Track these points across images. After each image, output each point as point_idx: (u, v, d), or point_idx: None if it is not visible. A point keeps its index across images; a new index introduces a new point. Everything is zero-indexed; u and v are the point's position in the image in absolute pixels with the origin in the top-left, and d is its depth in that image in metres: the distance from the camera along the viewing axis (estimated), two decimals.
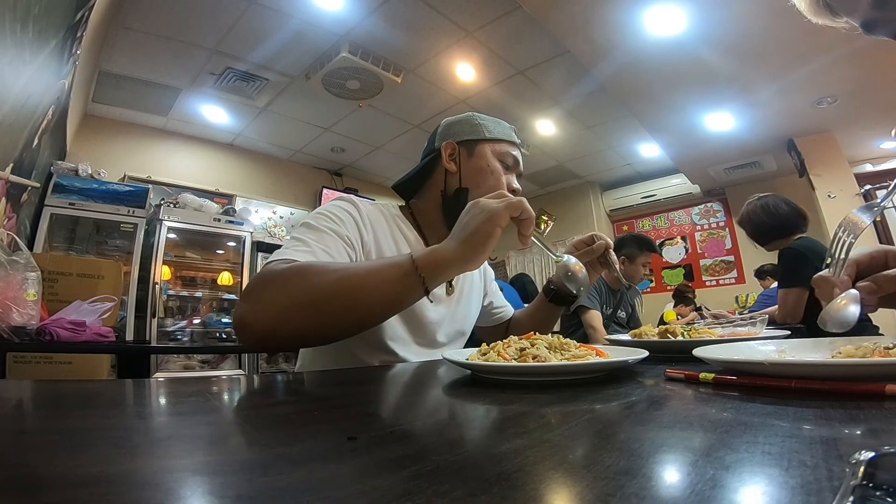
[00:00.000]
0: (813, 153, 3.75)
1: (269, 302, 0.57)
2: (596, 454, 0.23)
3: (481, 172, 0.92)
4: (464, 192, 0.91)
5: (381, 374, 0.66)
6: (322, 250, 0.71)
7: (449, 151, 0.94)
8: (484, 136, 0.94)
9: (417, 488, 0.18)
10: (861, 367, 0.39)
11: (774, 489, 0.17)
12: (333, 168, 5.17)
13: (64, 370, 2.33)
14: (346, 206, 0.85)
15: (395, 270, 0.59)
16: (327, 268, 0.61)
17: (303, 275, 0.59)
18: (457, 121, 0.98)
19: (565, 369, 0.48)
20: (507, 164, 0.94)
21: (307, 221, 0.78)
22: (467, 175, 0.92)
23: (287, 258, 0.65)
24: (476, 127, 0.96)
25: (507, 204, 0.60)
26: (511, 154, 0.95)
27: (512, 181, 0.94)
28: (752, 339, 0.67)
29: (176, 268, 3.78)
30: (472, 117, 0.98)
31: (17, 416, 0.35)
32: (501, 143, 0.95)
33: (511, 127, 1.00)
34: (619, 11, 2.48)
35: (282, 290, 0.58)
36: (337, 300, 0.57)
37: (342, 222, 0.79)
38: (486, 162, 0.93)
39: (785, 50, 2.58)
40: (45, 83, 2.17)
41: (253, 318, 0.57)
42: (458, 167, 0.93)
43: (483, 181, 0.91)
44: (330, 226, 0.77)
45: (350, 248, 0.78)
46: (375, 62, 3.11)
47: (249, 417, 0.34)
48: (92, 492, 0.18)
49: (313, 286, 0.57)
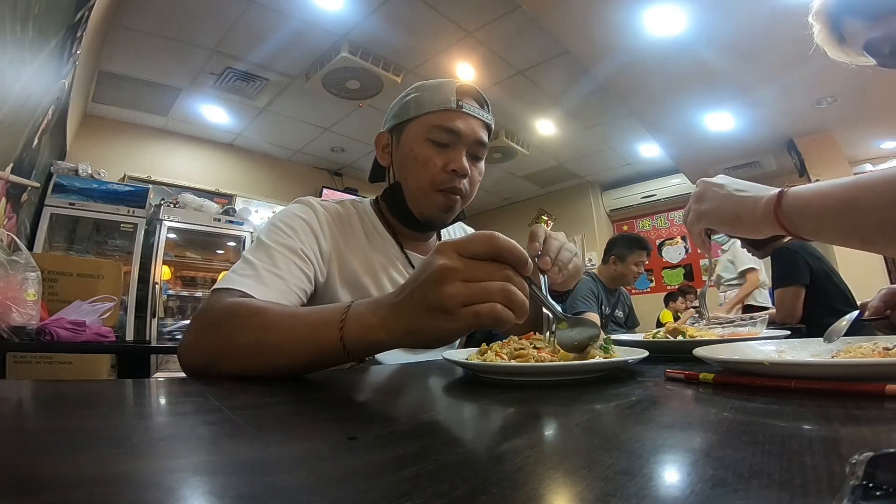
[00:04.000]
0: (813, 153, 3.75)
1: (199, 344, 0.56)
2: (596, 454, 0.23)
3: (407, 161, 0.79)
4: (397, 187, 0.82)
5: (381, 374, 0.66)
6: (271, 273, 0.66)
7: (383, 144, 0.85)
8: (410, 114, 0.79)
9: (417, 488, 0.18)
10: (861, 367, 0.39)
11: (774, 489, 0.17)
12: (333, 168, 5.17)
13: (64, 370, 2.33)
14: (301, 212, 0.78)
15: (322, 343, 0.48)
16: (253, 321, 0.54)
17: (232, 321, 0.55)
18: (395, 102, 0.85)
19: (565, 369, 0.48)
20: (441, 141, 0.77)
21: (259, 237, 0.73)
22: (397, 167, 0.81)
23: (231, 287, 0.61)
24: (405, 105, 0.81)
25: (472, 322, 0.40)
26: (443, 126, 0.76)
27: (454, 160, 0.76)
28: (752, 339, 0.67)
29: (176, 268, 3.78)
30: (406, 93, 0.83)
31: (17, 416, 0.35)
32: (430, 116, 0.77)
33: (452, 86, 0.79)
34: (618, 11, 2.48)
35: (211, 334, 0.55)
36: (257, 357, 0.51)
37: (295, 233, 0.73)
38: (410, 147, 0.78)
39: (785, 50, 2.58)
40: (45, 83, 2.17)
41: (186, 358, 0.56)
42: (390, 160, 0.83)
43: (409, 172, 0.79)
44: (282, 241, 0.71)
45: (304, 260, 0.72)
46: (375, 62, 3.11)
47: (249, 417, 0.34)
48: (92, 492, 0.18)
49: (236, 339, 0.52)
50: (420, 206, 0.81)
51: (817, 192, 0.51)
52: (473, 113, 0.79)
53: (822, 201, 0.50)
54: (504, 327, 0.41)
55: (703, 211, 0.62)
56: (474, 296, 0.40)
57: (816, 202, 0.51)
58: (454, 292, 0.40)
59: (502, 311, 0.40)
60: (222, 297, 0.60)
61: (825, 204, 0.50)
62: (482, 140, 0.80)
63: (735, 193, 0.58)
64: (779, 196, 0.53)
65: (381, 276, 0.82)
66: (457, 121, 0.77)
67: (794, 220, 0.52)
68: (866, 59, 0.68)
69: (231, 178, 4.48)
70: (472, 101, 0.81)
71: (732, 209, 0.58)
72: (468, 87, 0.81)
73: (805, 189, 0.52)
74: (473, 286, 0.40)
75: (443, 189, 0.78)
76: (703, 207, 0.62)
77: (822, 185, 0.51)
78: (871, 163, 3.98)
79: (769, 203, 0.54)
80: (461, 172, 0.77)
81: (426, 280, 0.41)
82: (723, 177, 0.63)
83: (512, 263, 0.42)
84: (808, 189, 0.52)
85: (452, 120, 0.77)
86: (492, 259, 0.42)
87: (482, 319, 0.40)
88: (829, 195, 0.50)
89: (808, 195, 0.51)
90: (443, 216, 0.82)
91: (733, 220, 0.59)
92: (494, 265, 0.41)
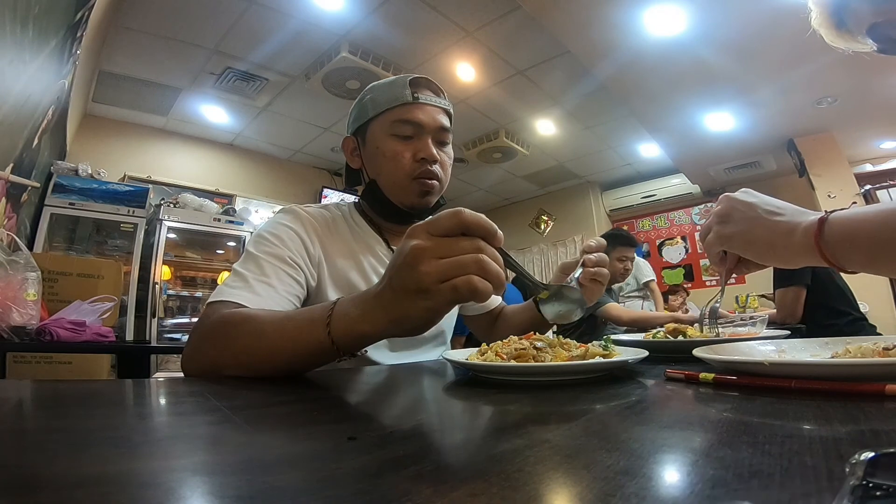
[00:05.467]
0: (813, 153, 3.75)
1: (197, 356, 0.58)
2: (596, 454, 0.23)
3: (376, 158, 0.83)
4: (373, 184, 0.85)
5: (381, 374, 0.66)
6: (261, 283, 0.68)
7: (350, 148, 0.88)
8: (369, 114, 0.83)
9: (417, 488, 0.18)
10: (861, 367, 0.39)
11: (774, 489, 0.17)
12: (333, 168, 5.17)
13: (64, 370, 2.33)
14: (287, 220, 0.80)
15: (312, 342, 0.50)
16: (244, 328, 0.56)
17: (225, 331, 0.56)
18: (354, 106, 0.89)
19: (565, 369, 0.48)
20: (404, 134, 0.81)
21: (248, 249, 0.75)
22: (369, 166, 0.85)
23: (224, 299, 0.63)
24: (363, 107, 0.85)
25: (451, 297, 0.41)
26: (403, 119, 0.80)
27: (422, 149, 0.80)
28: (752, 339, 0.67)
29: (176, 268, 3.78)
30: (362, 96, 0.87)
31: (17, 416, 0.35)
32: (389, 113, 0.81)
33: (406, 81, 0.82)
34: (619, 11, 2.47)
35: (206, 345, 0.58)
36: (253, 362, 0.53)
37: (283, 242, 0.75)
38: (375, 144, 0.82)
39: (785, 50, 2.58)
40: (45, 83, 2.17)
41: (187, 370, 0.58)
42: (360, 161, 0.86)
43: (381, 168, 0.82)
44: (270, 250, 0.73)
45: (293, 267, 0.74)
46: (375, 62, 3.11)
47: (249, 417, 0.34)
48: (92, 492, 0.18)
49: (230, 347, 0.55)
50: (399, 197, 0.84)
51: (865, 218, 0.44)
52: (431, 102, 0.82)
53: (873, 228, 0.43)
54: (483, 299, 0.41)
55: (729, 234, 0.56)
56: (449, 271, 0.40)
57: (866, 230, 0.43)
58: (429, 270, 0.40)
59: (479, 282, 0.40)
60: (216, 310, 0.62)
61: (878, 232, 0.42)
62: (444, 126, 0.83)
63: (767, 218, 0.52)
64: (819, 223, 0.46)
65: (370, 274, 0.84)
66: (416, 112, 0.81)
67: (840, 251, 0.45)
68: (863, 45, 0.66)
69: (231, 178, 4.48)
70: (427, 91, 0.84)
71: (765, 236, 0.51)
72: (421, 79, 0.84)
73: (850, 214, 0.45)
74: (447, 261, 0.41)
75: (417, 177, 0.82)
76: (727, 230, 0.55)
77: (869, 209, 0.44)
78: (870, 163, 3.98)
79: (808, 231, 0.46)
80: (431, 159, 0.81)
81: (402, 264, 0.42)
82: (749, 193, 0.56)
83: (482, 236, 0.42)
84: (853, 214, 0.45)
85: (412, 112, 0.81)
86: (462, 234, 0.42)
87: (460, 293, 0.40)
88: (882, 222, 0.42)
89: (854, 222, 0.44)
90: (423, 201, 0.84)
91: (766, 248, 0.52)
92: (465, 239, 0.42)
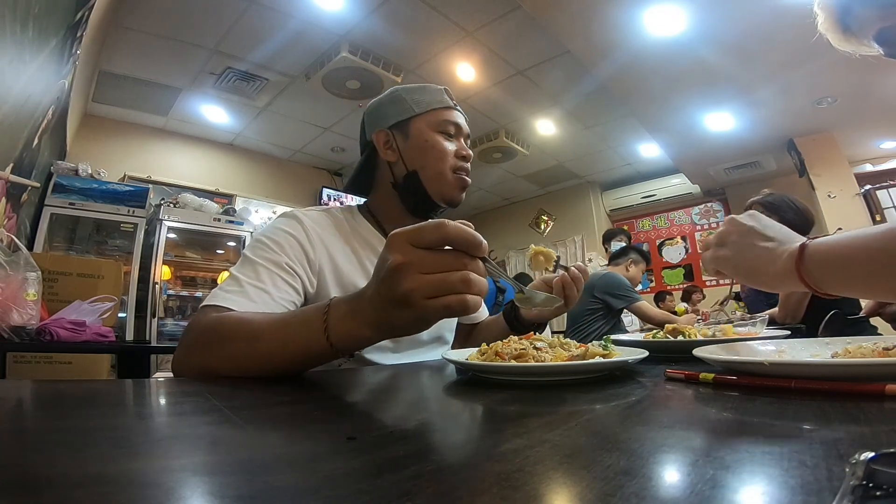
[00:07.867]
0: (813, 153, 3.75)
1: (188, 360, 0.58)
2: (596, 454, 0.23)
3: (423, 151, 0.87)
4: (413, 175, 0.87)
5: (380, 374, 0.66)
6: (256, 288, 0.67)
7: (384, 140, 0.89)
8: (414, 111, 0.89)
9: (417, 488, 0.18)
10: (861, 367, 0.39)
11: (774, 489, 0.17)
12: (333, 168, 5.17)
13: (64, 370, 2.33)
14: (287, 226, 0.80)
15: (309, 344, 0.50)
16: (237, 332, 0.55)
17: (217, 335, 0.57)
18: (380, 104, 0.93)
19: (565, 369, 0.48)
20: (449, 133, 0.89)
21: (245, 253, 0.75)
22: (410, 158, 0.88)
23: (218, 303, 0.63)
24: (403, 104, 0.90)
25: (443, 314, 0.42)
26: (449, 120, 0.89)
27: (460, 148, 0.89)
28: (752, 339, 0.67)
29: (176, 268, 3.77)
30: (395, 95, 0.92)
31: (17, 416, 0.35)
32: (435, 113, 0.89)
33: (440, 88, 0.93)
34: (619, 11, 2.48)
35: (197, 350, 0.57)
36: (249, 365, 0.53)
37: (281, 248, 0.75)
38: (424, 138, 0.87)
39: (785, 50, 2.58)
40: (45, 83, 2.17)
41: (179, 370, 0.58)
42: (398, 153, 0.88)
43: (427, 160, 0.87)
44: (268, 256, 0.73)
45: (290, 273, 0.73)
46: (375, 62, 3.11)
47: (249, 418, 0.34)
48: (92, 492, 0.18)
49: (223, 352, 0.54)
50: (441, 188, 0.88)
51: (839, 243, 0.47)
52: (461, 111, 0.94)
53: (848, 253, 0.46)
54: (472, 312, 0.43)
55: (721, 257, 0.59)
56: (437, 289, 0.40)
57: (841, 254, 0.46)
58: (414, 286, 0.40)
59: (472, 299, 0.41)
60: (208, 313, 0.61)
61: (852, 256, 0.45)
62: (469, 132, 0.96)
63: (757, 244, 0.54)
64: (800, 249, 0.48)
65: None
66: (456, 116, 0.91)
67: (818, 275, 0.47)
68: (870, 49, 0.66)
69: (231, 178, 4.48)
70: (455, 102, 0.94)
71: (751, 263, 0.55)
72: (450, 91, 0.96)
73: (828, 241, 0.48)
74: (433, 278, 0.41)
75: (457, 172, 0.89)
76: (721, 253, 0.59)
77: (846, 235, 0.47)
78: (870, 163, 3.98)
79: (790, 258, 0.49)
80: (469, 157, 0.91)
81: (385, 277, 0.42)
82: (753, 216, 0.58)
83: (466, 249, 0.42)
84: (830, 241, 0.48)
85: (453, 115, 0.91)
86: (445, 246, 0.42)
87: (452, 311, 0.41)
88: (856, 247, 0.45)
89: (829, 247, 0.47)
90: (460, 196, 0.91)
91: (750, 273, 0.55)
92: (450, 254, 0.42)
